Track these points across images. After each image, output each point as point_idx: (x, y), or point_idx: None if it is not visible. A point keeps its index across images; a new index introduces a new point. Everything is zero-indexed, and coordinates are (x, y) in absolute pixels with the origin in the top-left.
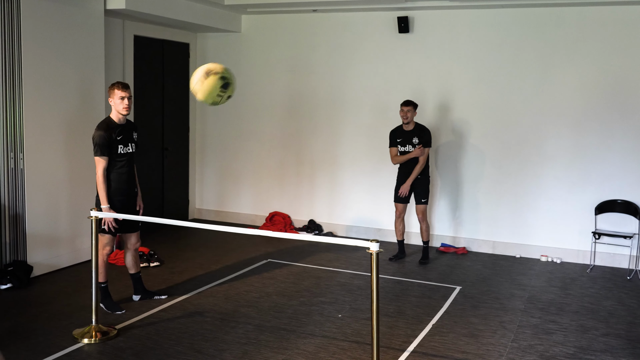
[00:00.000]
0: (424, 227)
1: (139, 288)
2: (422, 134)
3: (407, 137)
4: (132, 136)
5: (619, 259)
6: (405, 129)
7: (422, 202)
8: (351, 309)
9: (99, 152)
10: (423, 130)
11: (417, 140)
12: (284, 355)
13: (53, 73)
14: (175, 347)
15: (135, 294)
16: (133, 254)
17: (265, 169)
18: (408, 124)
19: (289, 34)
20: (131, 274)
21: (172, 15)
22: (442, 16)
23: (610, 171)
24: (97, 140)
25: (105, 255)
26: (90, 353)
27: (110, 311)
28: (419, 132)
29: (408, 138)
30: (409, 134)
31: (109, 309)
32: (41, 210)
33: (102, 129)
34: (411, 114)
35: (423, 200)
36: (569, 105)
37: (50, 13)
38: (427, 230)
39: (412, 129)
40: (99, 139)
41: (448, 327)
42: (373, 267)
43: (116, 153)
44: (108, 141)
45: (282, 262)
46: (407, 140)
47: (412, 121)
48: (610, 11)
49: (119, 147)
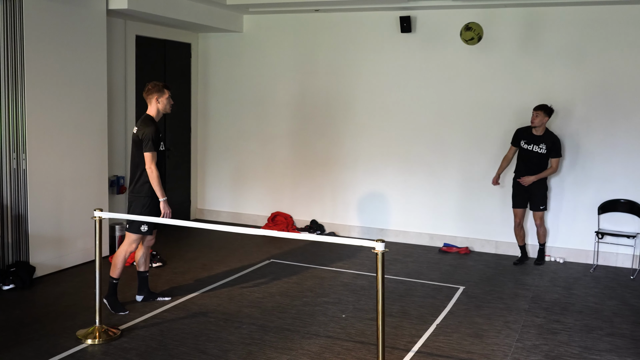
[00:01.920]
0: (542, 231)
1: (143, 288)
2: (552, 144)
3: (535, 140)
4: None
5: (622, 259)
6: (535, 133)
7: (539, 209)
8: (355, 309)
9: (152, 147)
10: (554, 139)
11: (545, 147)
12: (289, 355)
13: (55, 73)
14: (179, 348)
15: (138, 294)
16: (146, 252)
17: (268, 169)
18: (537, 129)
19: (291, 33)
20: (139, 271)
21: (174, 15)
22: (444, 16)
23: (613, 171)
24: (151, 135)
25: (128, 253)
26: (94, 354)
27: (114, 311)
28: (549, 140)
29: (536, 141)
30: (537, 138)
31: (113, 308)
32: (43, 210)
33: (153, 125)
34: (540, 118)
35: (541, 207)
36: (572, 104)
37: (53, 13)
38: (544, 234)
39: (540, 135)
40: (152, 135)
41: (452, 327)
42: (379, 267)
43: (158, 150)
44: (157, 137)
45: (285, 263)
46: (535, 142)
47: (542, 126)
48: (614, 10)
49: (160, 144)
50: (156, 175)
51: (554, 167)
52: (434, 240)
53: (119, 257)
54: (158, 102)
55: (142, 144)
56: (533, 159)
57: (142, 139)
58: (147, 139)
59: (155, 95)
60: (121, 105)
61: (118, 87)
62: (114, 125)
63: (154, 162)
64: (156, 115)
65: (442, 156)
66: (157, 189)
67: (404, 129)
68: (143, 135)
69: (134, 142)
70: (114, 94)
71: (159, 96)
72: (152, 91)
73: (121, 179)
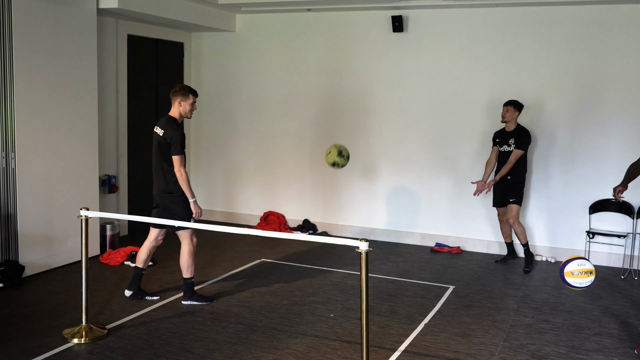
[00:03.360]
0: (517, 229)
1: (135, 284)
2: (518, 136)
3: (505, 138)
4: None
5: (613, 259)
6: (506, 130)
7: (509, 202)
8: (343, 309)
9: (181, 150)
10: (522, 132)
11: (513, 141)
12: (275, 355)
13: (45, 72)
14: (165, 347)
15: (128, 289)
16: (151, 250)
17: (260, 168)
18: (508, 124)
19: (283, 33)
20: (137, 267)
21: (166, 15)
22: (436, 15)
23: (604, 170)
24: (180, 138)
25: (193, 250)
26: (80, 353)
27: (205, 302)
28: (517, 133)
29: (506, 138)
30: (507, 135)
31: (202, 301)
32: (33, 210)
33: (179, 128)
34: (509, 113)
35: (511, 200)
36: (564, 103)
37: (42, 12)
38: (522, 232)
39: (511, 130)
40: (181, 137)
41: (440, 326)
42: (362, 266)
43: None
44: (184, 139)
45: (276, 262)
46: (505, 141)
47: (512, 121)
48: (606, 10)
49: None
50: (186, 178)
51: (511, 160)
52: (426, 239)
53: (186, 258)
54: (180, 105)
55: (171, 147)
56: (505, 159)
57: (171, 142)
58: (175, 142)
59: (179, 98)
60: (113, 105)
61: (110, 87)
62: (105, 125)
63: (183, 165)
64: (178, 117)
65: (434, 156)
66: (187, 191)
67: (396, 128)
68: (171, 138)
69: (160, 144)
70: (106, 93)
71: (182, 100)
72: (178, 93)
73: (112, 178)
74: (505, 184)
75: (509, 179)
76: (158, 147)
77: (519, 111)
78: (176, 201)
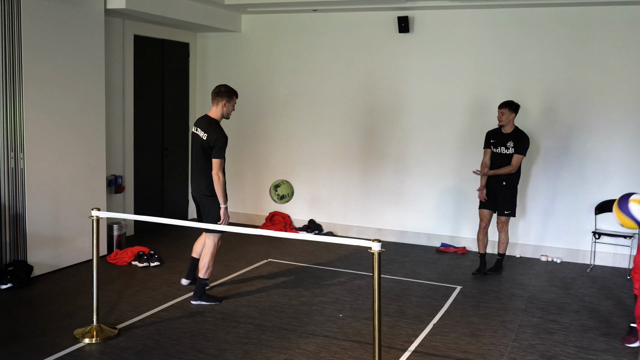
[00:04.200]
0: (502, 237)
1: (191, 274)
2: (518, 140)
3: (503, 140)
4: None
5: (619, 259)
6: (503, 131)
7: (504, 214)
8: (352, 309)
9: (222, 154)
10: (520, 135)
11: (512, 144)
12: (286, 355)
13: (53, 73)
14: (176, 347)
15: (186, 278)
16: None
17: (265, 168)
18: (505, 127)
19: (289, 33)
20: (194, 257)
21: (172, 15)
22: (442, 16)
23: (610, 171)
24: (223, 142)
25: (214, 252)
26: (91, 353)
27: (217, 302)
28: (516, 136)
29: (503, 140)
30: (505, 137)
31: (211, 301)
32: (41, 210)
33: (223, 133)
34: (505, 116)
35: (506, 212)
36: (570, 104)
37: (51, 13)
38: (505, 243)
39: (509, 132)
40: (224, 142)
41: (449, 326)
42: (375, 267)
43: None
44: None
45: (283, 262)
46: (501, 143)
47: (509, 123)
48: (611, 11)
49: None
50: (223, 182)
51: (514, 164)
52: (432, 240)
53: (207, 259)
54: (224, 107)
55: (213, 150)
56: (502, 161)
57: (214, 146)
58: (218, 146)
59: (225, 99)
60: (119, 105)
61: (116, 87)
62: (112, 125)
63: (222, 169)
64: (219, 119)
65: (439, 156)
66: (221, 196)
67: (401, 128)
68: (215, 141)
69: (203, 146)
70: (112, 94)
71: (228, 101)
72: (224, 94)
73: (119, 179)
74: (499, 190)
75: (504, 185)
76: (201, 149)
77: (515, 112)
78: (214, 202)
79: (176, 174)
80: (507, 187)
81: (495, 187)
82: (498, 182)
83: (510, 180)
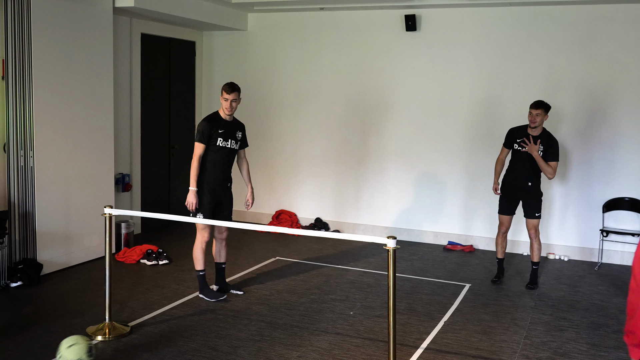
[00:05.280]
0: (536, 245)
1: (219, 279)
2: (550, 147)
3: (530, 141)
4: (236, 134)
5: (626, 257)
6: (531, 133)
7: (535, 217)
8: (362, 307)
9: (198, 137)
10: (551, 140)
11: (542, 149)
12: (298, 352)
13: (62, 71)
14: (189, 344)
15: (215, 284)
16: (219, 243)
17: (272, 166)
18: (535, 129)
19: (295, 32)
20: (215, 262)
21: (179, 14)
22: (449, 14)
23: (617, 169)
24: (199, 127)
25: (204, 243)
26: (104, 350)
27: (214, 299)
28: (546, 140)
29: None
30: (533, 139)
31: (210, 297)
32: (51, 208)
33: (206, 120)
34: (541, 118)
35: (537, 214)
36: (577, 102)
37: (60, 11)
38: (538, 250)
39: (538, 135)
40: (200, 127)
41: (460, 324)
42: (390, 264)
43: (215, 144)
44: (209, 131)
45: (291, 260)
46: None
47: (540, 126)
48: (619, 9)
49: (218, 140)
50: (194, 165)
51: (554, 169)
52: (439, 238)
53: (194, 251)
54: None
55: None
56: (525, 162)
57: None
58: (196, 130)
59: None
60: (126, 103)
61: (124, 85)
62: (119, 123)
63: (197, 152)
64: (222, 114)
65: (446, 154)
66: (191, 178)
67: (408, 127)
68: (197, 126)
69: None
70: (120, 92)
71: (221, 95)
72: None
73: (126, 177)
74: (526, 192)
75: (529, 185)
76: None
77: (547, 115)
78: None
79: (183, 173)
80: (534, 188)
81: (520, 189)
82: (522, 183)
83: (535, 181)
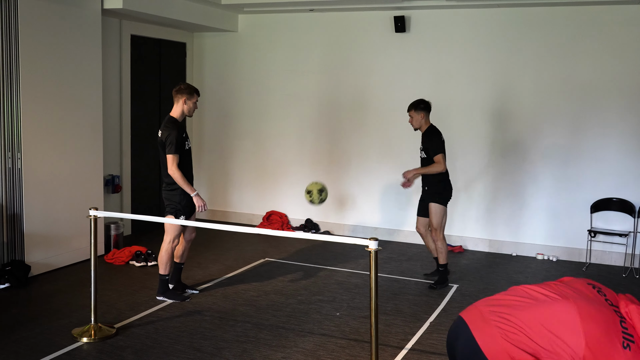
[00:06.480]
0: (433, 244)
1: (175, 278)
2: (428, 142)
3: (422, 145)
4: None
5: (614, 257)
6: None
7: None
8: (349, 307)
9: (174, 150)
10: (430, 135)
11: (422, 147)
12: (283, 353)
13: (50, 72)
14: (174, 346)
15: (171, 283)
16: (186, 245)
17: (262, 168)
18: (419, 129)
19: (285, 33)
20: (176, 262)
21: (169, 15)
22: (438, 15)
23: (606, 169)
24: (173, 139)
25: (174, 246)
26: (89, 352)
27: (179, 300)
28: (426, 138)
29: (422, 145)
30: (422, 141)
31: (177, 299)
32: (39, 209)
33: (175, 129)
34: (414, 119)
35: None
36: (565, 103)
37: (48, 13)
38: (437, 251)
39: (422, 133)
40: (174, 139)
41: (446, 324)
42: (372, 265)
43: (183, 150)
44: (181, 140)
45: (280, 261)
46: (422, 148)
47: (421, 125)
48: (607, 10)
49: (185, 143)
50: (179, 176)
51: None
52: None
53: (165, 253)
54: (185, 104)
55: (165, 147)
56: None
57: (166, 142)
58: (169, 142)
59: (185, 96)
60: (116, 105)
61: (113, 87)
62: (109, 125)
63: (175, 164)
64: (179, 117)
65: None
66: (185, 187)
67: (397, 128)
68: (167, 138)
69: (160, 145)
70: (110, 94)
71: (188, 98)
72: (184, 92)
73: (116, 178)
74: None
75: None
76: (160, 149)
77: (423, 111)
78: (171, 198)
79: None
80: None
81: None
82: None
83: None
